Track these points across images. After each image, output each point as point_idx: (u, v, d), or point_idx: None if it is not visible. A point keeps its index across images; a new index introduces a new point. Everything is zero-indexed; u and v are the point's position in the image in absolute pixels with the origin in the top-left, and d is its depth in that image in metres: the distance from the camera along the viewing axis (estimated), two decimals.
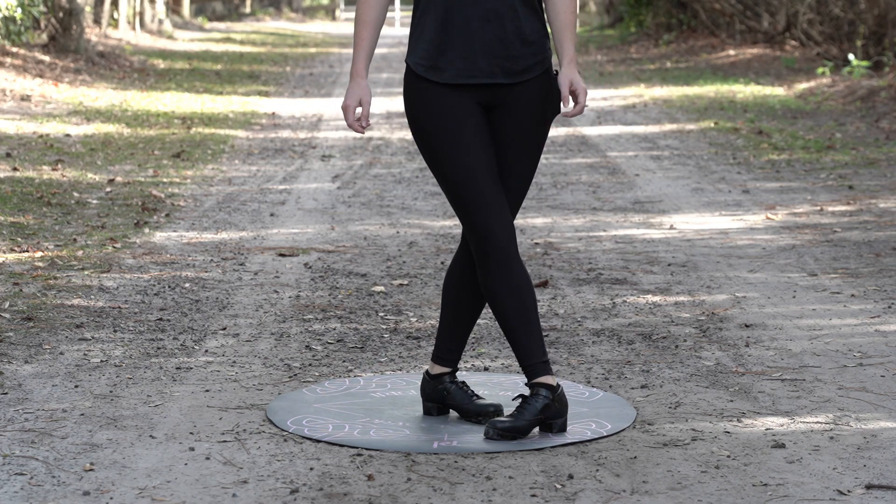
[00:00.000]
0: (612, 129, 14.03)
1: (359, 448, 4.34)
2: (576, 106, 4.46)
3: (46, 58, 18.63)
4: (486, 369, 5.37)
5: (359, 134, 4.42)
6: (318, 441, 4.40)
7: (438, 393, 4.70)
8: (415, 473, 4.12)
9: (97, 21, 24.02)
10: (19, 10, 16.22)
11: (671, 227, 8.47)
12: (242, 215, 8.87)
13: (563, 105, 4.49)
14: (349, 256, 7.55)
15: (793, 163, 11.33)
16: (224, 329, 5.89)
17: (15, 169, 10.29)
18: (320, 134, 13.61)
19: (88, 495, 3.89)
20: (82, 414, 4.64)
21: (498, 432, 4.42)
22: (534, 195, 9.71)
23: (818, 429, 4.56)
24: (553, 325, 6.00)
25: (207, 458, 4.21)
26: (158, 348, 5.55)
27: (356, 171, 10.97)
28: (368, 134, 13.34)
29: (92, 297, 6.40)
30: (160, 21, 28.29)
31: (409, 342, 5.74)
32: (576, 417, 4.62)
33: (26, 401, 4.78)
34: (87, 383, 5.01)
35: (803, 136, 12.90)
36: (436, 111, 4.44)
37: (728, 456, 4.28)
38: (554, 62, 4.59)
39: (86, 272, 6.93)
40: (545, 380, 4.47)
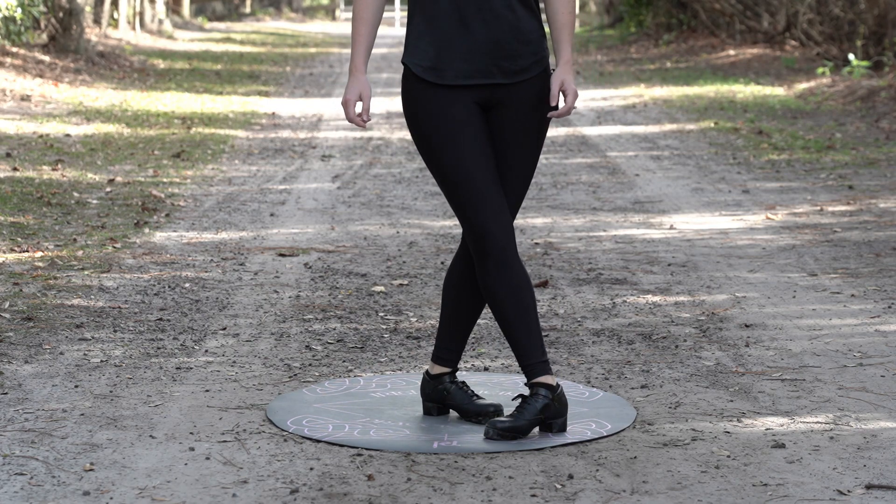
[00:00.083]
0: (612, 129, 14.03)
1: (359, 448, 4.34)
2: (563, 106, 4.46)
3: (46, 58, 18.62)
4: (486, 369, 5.36)
5: (360, 128, 4.41)
6: (318, 441, 4.39)
7: (438, 393, 4.70)
8: (415, 473, 4.12)
9: (97, 21, 24.02)
10: (19, 10, 16.22)
11: (671, 227, 8.47)
12: (242, 215, 8.87)
13: (551, 102, 4.49)
14: (349, 256, 7.55)
15: (793, 163, 11.33)
16: (224, 329, 5.89)
17: (15, 169, 10.29)
18: (320, 134, 13.61)
19: (88, 495, 3.89)
20: (82, 414, 4.64)
21: (498, 432, 4.41)
22: (534, 195, 9.71)
23: (818, 429, 4.56)
24: (553, 325, 6.00)
25: (207, 458, 4.21)
26: (158, 348, 5.55)
27: (356, 171, 10.97)
28: (368, 134, 13.35)
29: (92, 297, 6.40)
30: (160, 21, 28.29)
31: (409, 342, 5.73)
32: (576, 417, 4.62)
33: (26, 401, 4.78)
34: (87, 383, 5.01)
35: (803, 136, 12.89)
36: (434, 112, 4.44)
37: (728, 456, 4.27)
38: (552, 63, 4.58)
39: (86, 272, 6.93)
40: (545, 379, 4.47)
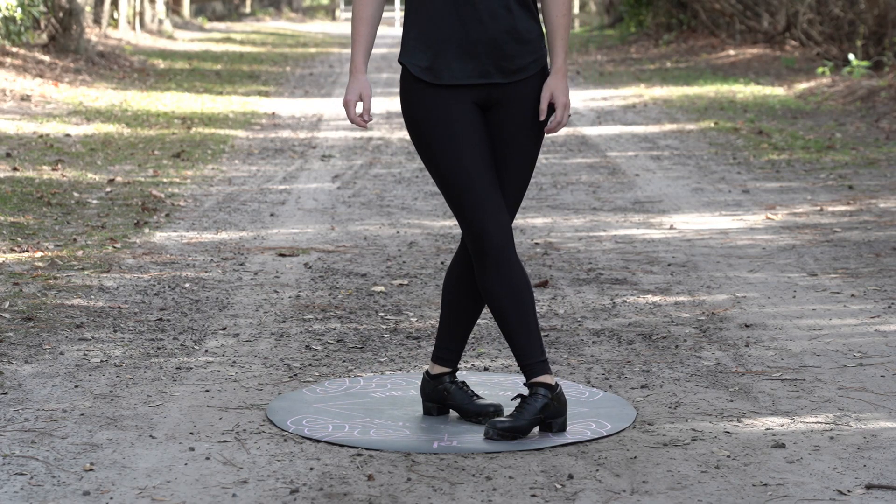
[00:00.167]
0: (612, 129, 14.03)
1: (359, 448, 4.34)
2: (553, 120, 4.44)
3: (46, 58, 18.62)
4: (486, 369, 5.36)
5: (361, 128, 4.41)
6: (318, 441, 4.39)
7: (438, 393, 4.70)
8: (415, 473, 4.12)
9: (97, 21, 24.01)
10: (19, 10, 16.22)
11: (671, 227, 8.47)
12: (242, 215, 8.87)
13: (541, 116, 4.46)
14: (349, 256, 7.55)
15: (793, 163, 11.33)
16: (224, 329, 5.89)
17: (15, 169, 10.29)
18: (320, 134, 13.61)
19: (88, 495, 3.89)
20: (82, 414, 4.64)
21: (498, 432, 4.41)
22: (534, 195, 9.71)
23: (818, 429, 4.56)
24: (553, 325, 6.00)
25: (207, 458, 4.21)
26: (158, 348, 5.55)
27: (356, 171, 10.97)
28: (368, 134, 13.35)
29: (92, 297, 6.40)
30: (160, 21, 28.29)
31: (409, 342, 5.73)
32: (576, 417, 4.62)
33: (26, 401, 4.78)
34: (87, 383, 5.01)
35: (803, 136, 12.90)
36: (432, 112, 4.43)
37: (728, 456, 4.27)
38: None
39: (86, 272, 6.93)
40: (544, 379, 4.47)
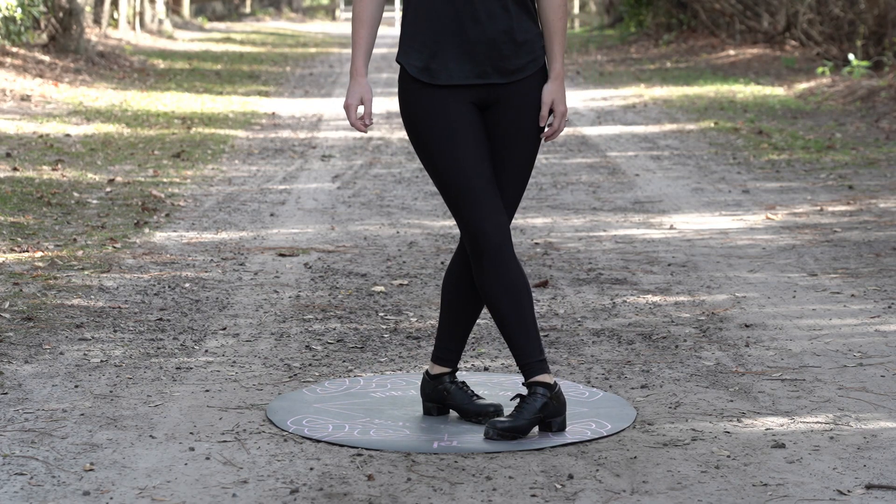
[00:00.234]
0: (612, 129, 14.03)
1: (359, 448, 4.34)
2: (550, 128, 4.46)
3: (46, 58, 18.62)
4: (486, 369, 5.36)
5: (361, 133, 4.40)
6: (318, 441, 4.39)
7: (438, 393, 4.70)
8: (415, 473, 4.12)
9: (97, 21, 24.01)
10: (19, 10, 16.22)
11: (671, 227, 8.47)
12: (242, 215, 8.87)
13: (541, 123, 4.47)
14: (349, 256, 7.55)
15: (793, 163, 11.33)
16: (224, 329, 5.89)
17: (15, 169, 10.29)
18: (320, 134, 13.61)
19: (88, 495, 3.89)
20: (82, 414, 4.64)
21: (498, 432, 4.41)
22: (534, 195, 9.71)
23: (818, 429, 4.56)
24: (553, 325, 6.00)
25: (207, 458, 4.21)
26: (158, 348, 5.55)
27: (356, 171, 10.97)
28: (368, 134, 13.34)
29: (92, 297, 6.40)
30: (160, 21, 28.29)
31: (409, 342, 5.73)
32: (576, 417, 4.61)
33: (26, 401, 4.78)
34: (87, 383, 5.01)
35: (803, 136, 12.89)
36: (430, 112, 4.43)
37: (728, 456, 4.27)
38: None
39: (86, 272, 6.93)
40: (542, 378, 4.47)
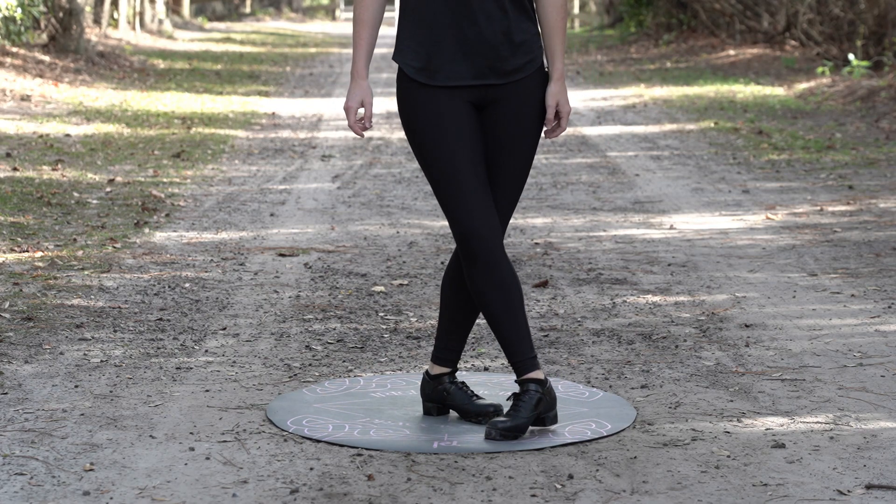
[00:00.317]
0: (612, 129, 14.03)
1: (359, 448, 4.34)
2: (556, 128, 4.48)
3: (46, 58, 18.62)
4: (486, 369, 5.36)
5: (358, 136, 4.41)
6: (318, 441, 4.39)
7: (438, 393, 4.70)
8: (415, 473, 4.12)
9: (97, 21, 24.01)
10: (19, 10, 16.22)
11: (671, 227, 8.47)
12: (242, 215, 8.87)
13: (547, 125, 4.48)
14: (349, 256, 7.55)
15: (793, 163, 11.33)
16: (224, 329, 5.89)
17: (15, 169, 10.29)
18: (320, 134, 13.61)
19: (88, 495, 3.89)
20: (82, 414, 4.64)
21: (500, 432, 4.41)
22: (534, 195, 9.71)
23: (818, 429, 4.56)
24: (553, 325, 6.00)
25: (207, 458, 4.21)
26: (158, 348, 5.55)
27: (356, 171, 10.97)
28: (368, 134, 13.34)
29: (92, 297, 6.40)
30: (160, 21, 28.29)
31: (409, 342, 5.73)
32: (576, 417, 4.62)
33: (26, 401, 4.78)
34: (87, 383, 5.01)
35: (803, 136, 12.89)
36: (426, 112, 4.42)
37: (728, 456, 4.27)
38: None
39: (86, 272, 6.93)
40: (534, 375, 4.48)
